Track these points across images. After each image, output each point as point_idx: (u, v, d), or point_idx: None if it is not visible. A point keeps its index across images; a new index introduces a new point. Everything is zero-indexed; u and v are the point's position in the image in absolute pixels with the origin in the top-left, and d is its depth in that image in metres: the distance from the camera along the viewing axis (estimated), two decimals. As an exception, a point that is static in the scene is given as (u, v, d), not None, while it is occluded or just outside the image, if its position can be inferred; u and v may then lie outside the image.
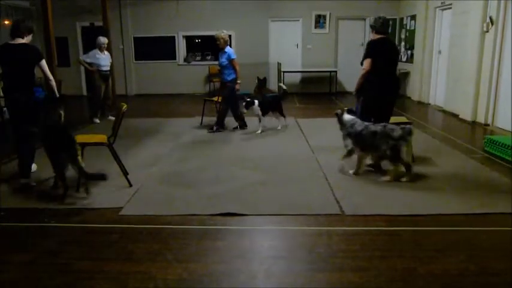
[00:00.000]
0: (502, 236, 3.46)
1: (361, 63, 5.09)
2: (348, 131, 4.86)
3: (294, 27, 12.85)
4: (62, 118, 4.56)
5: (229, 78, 7.27)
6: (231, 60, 7.21)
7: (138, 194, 4.38)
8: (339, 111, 5.13)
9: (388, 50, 5.05)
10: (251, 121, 7.59)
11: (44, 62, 4.67)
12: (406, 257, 3.09)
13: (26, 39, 4.67)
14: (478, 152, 5.93)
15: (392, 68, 5.09)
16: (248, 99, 7.20)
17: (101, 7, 9.90)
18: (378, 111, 4.99)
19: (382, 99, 5.00)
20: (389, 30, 5.13)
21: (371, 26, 5.34)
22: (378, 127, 4.63)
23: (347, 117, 4.96)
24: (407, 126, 4.64)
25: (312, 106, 10.62)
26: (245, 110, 7.18)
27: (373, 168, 5.03)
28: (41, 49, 5.66)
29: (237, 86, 7.32)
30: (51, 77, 4.81)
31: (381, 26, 5.03)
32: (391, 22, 5.03)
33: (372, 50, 4.94)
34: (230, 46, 7.45)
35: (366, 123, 4.77)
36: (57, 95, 4.94)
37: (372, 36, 5.16)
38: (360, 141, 4.74)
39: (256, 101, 7.21)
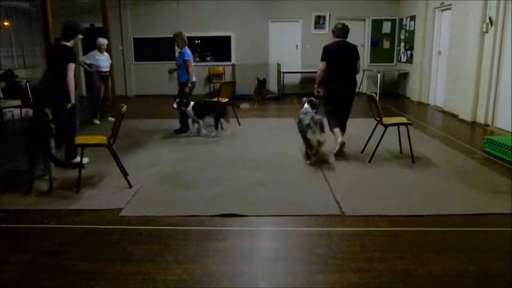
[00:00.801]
0: (502, 237, 3.46)
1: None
2: (299, 118, 5.65)
3: (293, 28, 12.85)
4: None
5: (184, 79, 7.11)
6: (185, 61, 7.03)
7: (138, 195, 4.38)
8: (304, 99, 5.91)
9: (344, 52, 5.75)
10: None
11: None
12: (406, 258, 3.09)
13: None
14: (478, 153, 5.93)
15: (349, 67, 5.72)
16: (183, 99, 6.94)
17: (100, 8, 9.89)
18: (337, 105, 5.75)
19: (338, 94, 5.71)
20: (348, 35, 6.08)
21: (332, 31, 6.07)
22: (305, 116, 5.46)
23: (304, 107, 5.75)
24: (317, 117, 5.35)
25: (312, 107, 10.60)
26: (175, 106, 6.92)
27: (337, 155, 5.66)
28: (40, 51, 5.70)
29: (187, 89, 7.05)
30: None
31: (340, 30, 5.84)
32: (349, 28, 6.11)
33: (324, 54, 5.77)
34: (188, 47, 7.29)
35: (312, 116, 5.41)
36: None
37: (332, 39, 5.95)
38: (302, 129, 5.49)
39: (191, 103, 6.96)
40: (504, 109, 7.34)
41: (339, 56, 5.68)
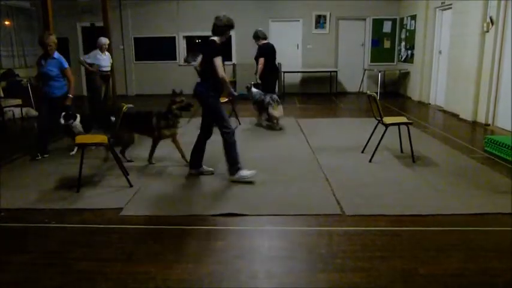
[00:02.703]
0: (503, 236, 3.46)
1: (256, 59, 8.03)
2: (255, 99, 7.72)
3: (294, 28, 12.84)
4: None
5: (61, 92, 5.76)
6: (64, 70, 5.74)
7: (138, 195, 4.38)
8: (248, 85, 8.00)
9: (271, 50, 8.06)
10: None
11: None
12: (407, 257, 3.09)
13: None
14: (478, 152, 5.92)
15: (274, 61, 8.17)
16: (70, 112, 5.76)
17: (101, 7, 9.89)
18: (270, 87, 8.06)
19: (271, 80, 8.20)
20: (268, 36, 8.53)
21: (256, 37, 8.08)
22: (266, 96, 7.52)
23: (254, 90, 7.83)
24: (274, 96, 7.55)
25: (312, 106, 10.62)
26: (62, 121, 5.68)
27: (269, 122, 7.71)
28: (41, 50, 5.71)
29: (68, 101, 5.77)
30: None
31: (263, 34, 8.10)
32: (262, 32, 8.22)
33: (263, 51, 7.95)
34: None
35: (263, 94, 7.63)
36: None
37: (260, 42, 8.03)
38: (260, 105, 7.64)
39: (78, 116, 5.84)
40: (505, 109, 7.33)
41: (271, 53, 8.05)
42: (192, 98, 4.92)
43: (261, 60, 7.84)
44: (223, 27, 5.01)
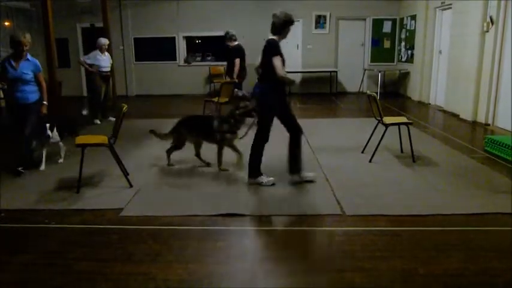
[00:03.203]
0: (502, 236, 3.46)
1: (229, 60, 8.37)
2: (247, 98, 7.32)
3: (294, 28, 12.69)
4: None
5: (35, 97, 5.17)
6: (38, 74, 5.16)
7: (138, 195, 4.38)
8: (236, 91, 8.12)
9: (243, 51, 8.29)
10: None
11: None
12: (407, 257, 3.09)
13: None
14: (479, 152, 5.92)
15: (245, 61, 8.35)
16: (50, 123, 5.26)
17: (101, 8, 9.90)
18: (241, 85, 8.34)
19: (243, 79, 8.41)
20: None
21: (229, 38, 8.28)
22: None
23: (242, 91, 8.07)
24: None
25: (312, 106, 10.62)
26: (50, 134, 5.21)
27: None
28: (41, 51, 5.67)
29: (44, 110, 5.23)
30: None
31: (235, 36, 8.33)
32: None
33: (238, 52, 8.22)
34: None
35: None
36: None
37: (232, 43, 8.26)
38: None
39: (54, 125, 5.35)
40: (505, 108, 7.33)
41: (244, 54, 8.29)
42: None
43: (237, 61, 8.10)
44: (282, 24, 4.75)
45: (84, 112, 4.82)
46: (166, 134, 5.40)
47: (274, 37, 4.74)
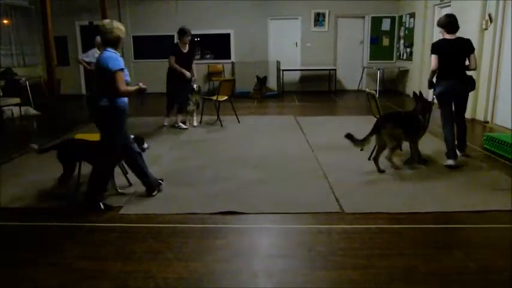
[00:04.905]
0: (502, 234, 3.46)
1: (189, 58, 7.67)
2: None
3: (293, 26, 12.83)
4: None
5: None
6: None
7: (137, 193, 4.38)
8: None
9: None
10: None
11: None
12: (406, 255, 3.09)
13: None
14: (478, 150, 5.93)
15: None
16: None
17: (99, 6, 9.87)
18: None
19: None
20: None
21: (184, 33, 7.45)
22: None
23: None
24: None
25: (311, 104, 10.61)
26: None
27: None
28: (40, 49, 5.67)
29: None
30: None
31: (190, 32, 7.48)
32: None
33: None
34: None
35: None
36: None
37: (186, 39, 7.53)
38: None
39: None
40: (503, 106, 7.33)
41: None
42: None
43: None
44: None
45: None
46: (366, 138, 4.99)
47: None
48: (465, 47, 5.18)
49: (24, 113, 8.82)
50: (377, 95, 5.77)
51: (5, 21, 11.25)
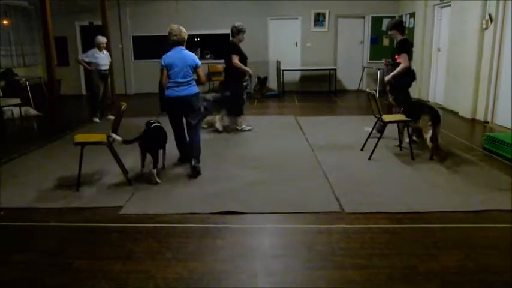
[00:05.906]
0: (502, 233, 3.46)
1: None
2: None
3: (293, 26, 12.82)
4: None
5: None
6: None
7: (137, 193, 4.38)
8: None
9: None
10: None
11: None
12: (406, 255, 3.09)
13: None
14: (478, 149, 5.93)
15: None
16: None
17: (99, 6, 9.88)
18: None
19: None
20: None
21: (240, 29, 7.59)
22: None
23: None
24: None
25: (311, 104, 10.61)
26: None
27: None
28: (40, 49, 5.67)
29: None
30: None
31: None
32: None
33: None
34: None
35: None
36: None
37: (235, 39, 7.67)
38: None
39: None
40: (504, 106, 7.33)
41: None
42: None
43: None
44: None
45: None
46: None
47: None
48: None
49: (24, 114, 8.82)
50: (377, 95, 5.77)
51: (4, 22, 11.26)
